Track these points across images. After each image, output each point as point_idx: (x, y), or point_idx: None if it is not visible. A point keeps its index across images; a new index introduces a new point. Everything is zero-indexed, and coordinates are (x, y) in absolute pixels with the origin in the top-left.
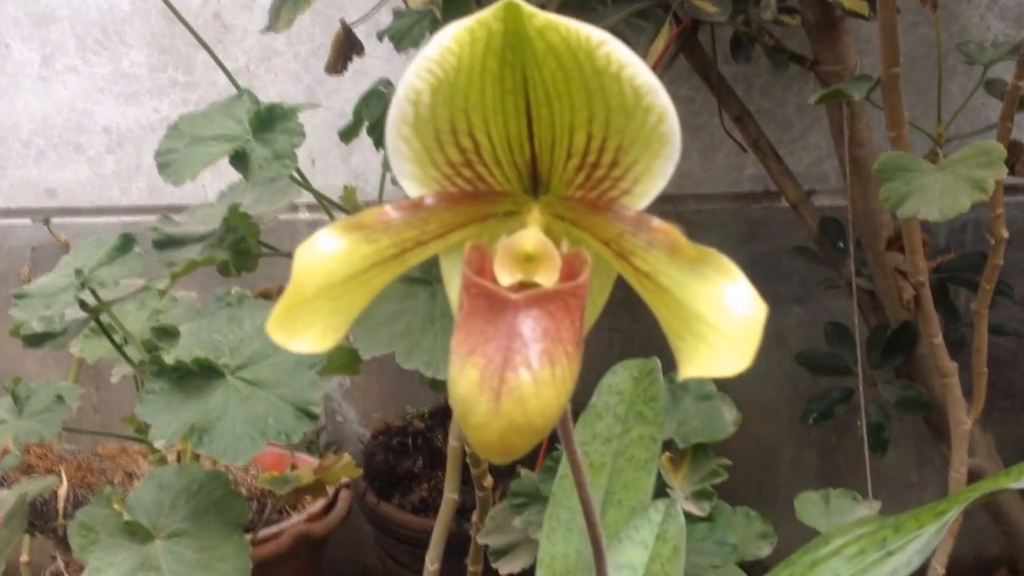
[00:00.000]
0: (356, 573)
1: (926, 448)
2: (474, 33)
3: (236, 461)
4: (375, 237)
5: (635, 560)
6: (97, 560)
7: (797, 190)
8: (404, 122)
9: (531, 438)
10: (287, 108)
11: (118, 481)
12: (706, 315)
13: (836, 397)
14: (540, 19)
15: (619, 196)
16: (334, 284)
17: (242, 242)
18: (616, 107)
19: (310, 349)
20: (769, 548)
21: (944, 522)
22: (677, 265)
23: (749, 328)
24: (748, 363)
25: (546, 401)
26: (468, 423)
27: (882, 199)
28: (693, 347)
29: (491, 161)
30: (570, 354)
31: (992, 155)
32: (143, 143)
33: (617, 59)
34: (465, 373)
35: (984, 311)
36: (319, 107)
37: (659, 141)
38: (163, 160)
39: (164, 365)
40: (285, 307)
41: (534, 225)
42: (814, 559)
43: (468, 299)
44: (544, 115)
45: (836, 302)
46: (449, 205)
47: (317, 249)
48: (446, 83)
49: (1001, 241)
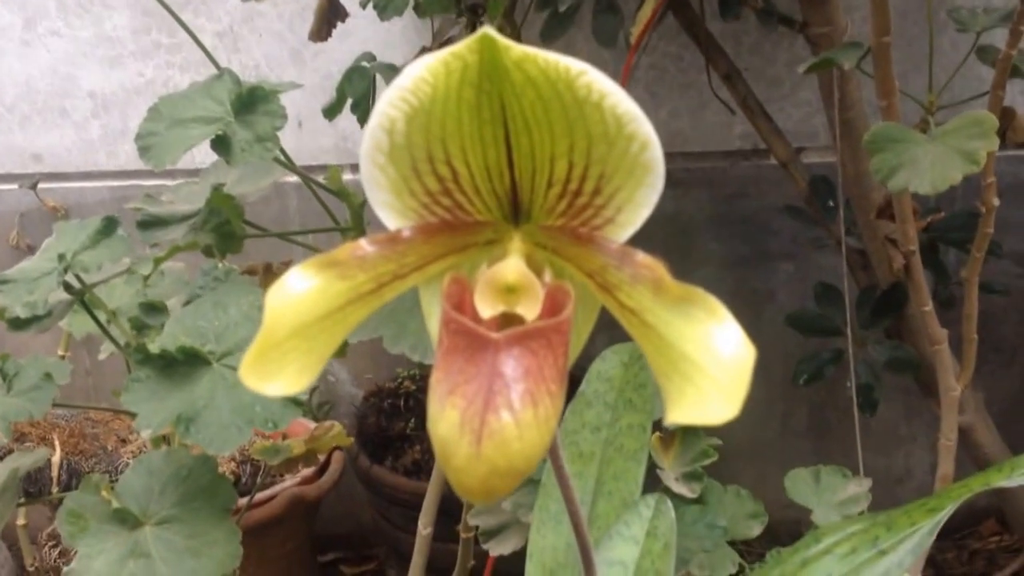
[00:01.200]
0: (350, 531)
1: (915, 402)
2: (449, 65)
3: (223, 451)
4: (350, 273)
5: (626, 556)
6: (87, 547)
7: (787, 148)
8: (379, 151)
9: (514, 481)
10: (269, 89)
11: (111, 447)
12: (693, 356)
13: (826, 358)
14: (516, 51)
15: (602, 224)
16: (308, 324)
17: (226, 224)
18: (597, 135)
19: (284, 392)
20: (760, 528)
21: (937, 521)
22: (662, 303)
23: (737, 372)
24: (737, 410)
25: (529, 444)
26: (448, 465)
27: (873, 171)
28: (680, 389)
29: (470, 189)
30: (553, 393)
31: (984, 126)
32: (128, 107)
33: (598, 88)
34: (445, 415)
35: (975, 279)
36: (302, 86)
37: (642, 169)
38: (144, 143)
39: (149, 353)
40: (257, 351)
41: (515, 254)
42: (805, 558)
43: (447, 335)
44: (524, 144)
45: (826, 259)
46: (427, 237)
47: (289, 290)
48: (421, 112)
49: (992, 209)
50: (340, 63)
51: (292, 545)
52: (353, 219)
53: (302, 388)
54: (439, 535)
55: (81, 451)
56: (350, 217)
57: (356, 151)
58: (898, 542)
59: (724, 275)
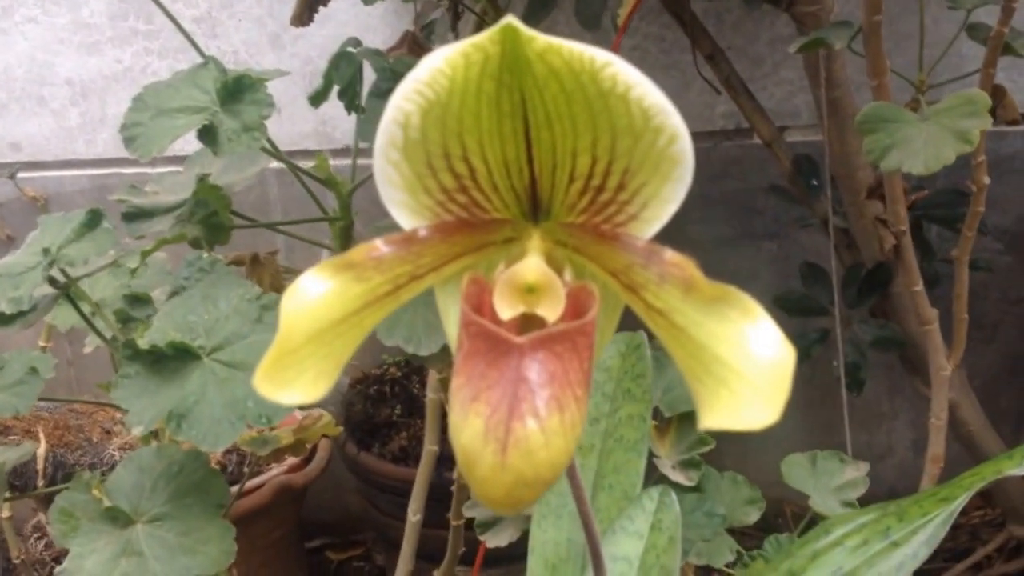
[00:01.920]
0: (337, 517)
1: (897, 379)
2: (469, 56)
3: (215, 447)
4: (366, 275)
5: (630, 552)
6: (79, 547)
7: (770, 128)
8: (393, 147)
9: (540, 490)
10: (255, 77)
11: (97, 438)
12: (727, 359)
13: (813, 338)
14: (540, 42)
15: (626, 221)
16: (324, 329)
17: (213, 216)
18: (622, 129)
19: (301, 400)
20: (758, 513)
21: (950, 511)
22: (693, 303)
23: (777, 375)
24: (777, 415)
25: (556, 451)
26: (472, 476)
27: (865, 152)
28: (714, 392)
29: (487, 186)
30: (579, 397)
31: (977, 105)
32: (107, 94)
33: (623, 80)
34: (468, 422)
35: (965, 258)
36: (288, 73)
37: (669, 163)
38: (129, 134)
39: (138, 349)
40: (273, 358)
41: (534, 253)
42: (815, 550)
43: (468, 339)
44: (545, 138)
45: (810, 239)
46: (444, 236)
47: (304, 294)
48: (438, 105)
49: (983, 188)
50: (320, 48)
51: (280, 533)
52: (341, 208)
53: (319, 396)
54: (428, 521)
55: (66, 443)
56: (338, 206)
57: (337, 136)
58: (911, 533)
59: (708, 255)
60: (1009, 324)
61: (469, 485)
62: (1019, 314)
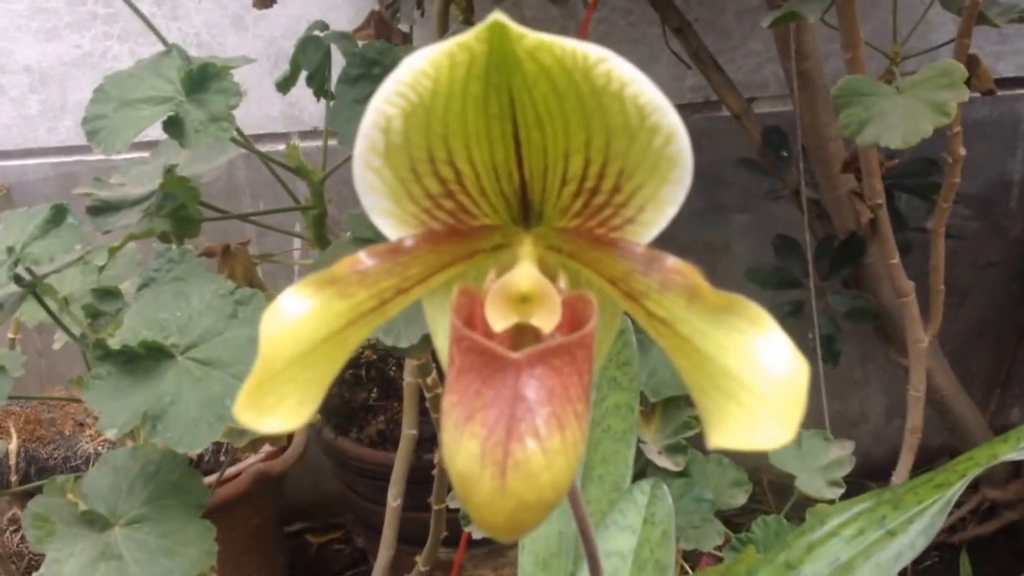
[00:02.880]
0: (317, 501)
1: (869, 347)
2: (454, 56)
3: (193, 449)
4: (350, 291)
5: (623, 547)
6: (56, 552)
7: (739, 100)
8: (373, 152)
9: (543, 514)
10: (220, 66)
11: (69, 431)
12: (736, 372)
13: (786, 310)
14: (530, 39)
15: (622, 225)
16: (307, 351)
17: (182, 209)
18: (617, 128)
19: (284, 427)
20: (745, 496)
21: (947, 498)
22: (698, 312)
23: (791, 391)
24: (792, 434)
25: (557, 473)
26: (470, 502)
27: (841, 127)
28: (722, 408)
29: (475, 191)
30: (580, 413)
31: (953, 76)
32: (67, 81)
33: (618, 76)
34: (463, 444)
35: (941, 229)
36: (255, 60)
37: (667, 163)
38: (91, 127)
39: (109, 349)
40: (254, 385)
41: (526, 260)
42: (811, 541)
43: (459, 354)
44: (535, 140)
45: (780, 211)
46: (432, 246)
47: (285, 314)
48: (421, 108)
49: (959, 159)
50: (283, 28)
51: (259, 520)
52: (313, 196)
53: (303, 421)
54: (408, 504)
55: (38, 438)
56: (310, 194)
57: (305, 119)
58: (907, 521)
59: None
60: (978, 290)
61: (466, 511)
62: (988, 279)
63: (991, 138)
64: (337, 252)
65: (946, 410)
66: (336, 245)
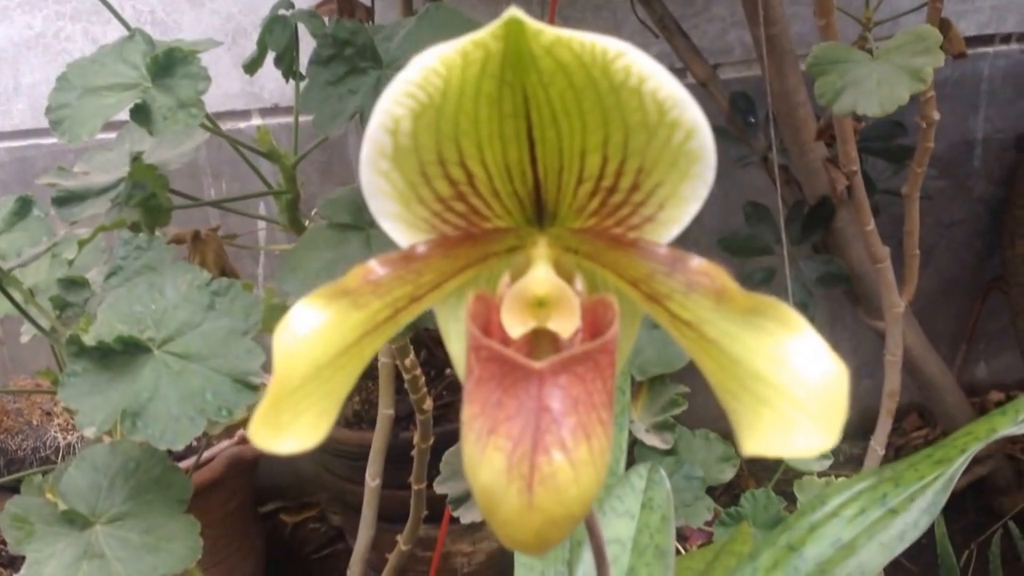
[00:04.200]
0: (291, 481)
1: (838, 308)
2: (468, 55)
3: (175, 445)
4: (363, 301)
5: (622, 533)
6: (36, 552)
7: (704, 67)
8: (381, 155)
9: (571, 528)
10: (186, 50)
11: (37, 421)
12: (768, 375)
13: (759, 278)
14: (548, 36)
15: (641, 224)
16: (323, 365)
17: (152, 198)
18: (636, 124)
19: (301, 446)
20: (733, 470)
21: (949, 475)
22: (726, 315)
23: (832, 394)
24: (835, 440)
25: (586, 485)
26: (495, 518)
27: (817, 95)
28: (754, 413)
29: (487, 192)
30: (605, 421)
31: (928, 41)
32: (19, 62)
33: (637, 71)
34: (487, 458)
35: (915, 194)
36: (221, 44)
37: (687, 159)
38: (55, 117)
39: (83, 345)
40: (270, 404)
41: (542, 262)
42: (812, 522)
43: (478, 364)
44: (550, 138)
45: (748, 177)
46: (445, 251)
47: (298, 329)
48: (431, 108)
49: (932, 123)
50: (241, 4)
51: (234, 504)
52: (286, 180)
53: (321, 438)
54: (385, 483)
55: (6, 429)
56: (282, 179)
57: (264, 96)
58: (908, 499)
59: None
60: (944, 248)
61: (491, 527)
62: (953, 238)
63: (953, 98)
64: (315, 238)
65: (916, 368)
66: (313, 231)
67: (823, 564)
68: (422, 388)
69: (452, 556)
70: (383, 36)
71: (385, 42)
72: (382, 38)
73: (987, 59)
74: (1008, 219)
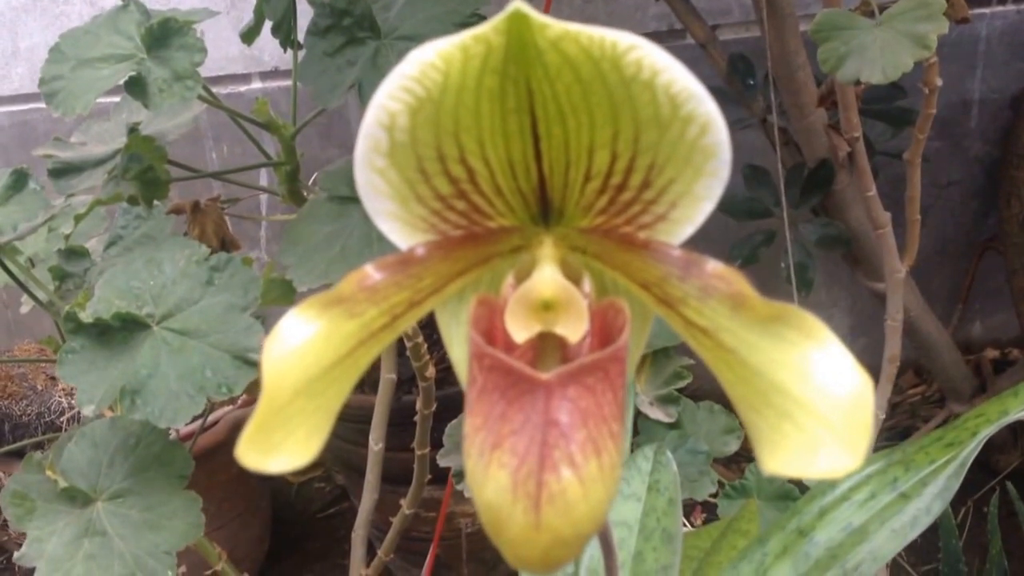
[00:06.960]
0: None
1: (835, 268)
2: (468, 50)
3: (175, 423)
4: (359, 309)
5: (628, 516)
6: (37, 529)
7: (703, 28)
8: (376, 152)
9: (581, 547)
10: (182, 20)
11: (41, 386)
12: (791, 389)
13: (759, 240)
14: (554, 29)
15: (652, 223)
16: (315, 378)
17: (149, 171)
18: (647, 120)
19: (292, 465)
20: (737, 443)
21: (961, 459)
22: (744, 322)
23: (857, 411)
24: (860, 461)
25: (596, 502)
26: (500, 538)
27: (820, 62)
28: (776, 428)
29: (490, 190)
30: (615, 433)
31: (932, 7)
32: (17, 26)
33: (650, 64)
34: (491, 474)
35: (917, 160)
36: (218, 13)
37: (702, 155)
38: (49, 89)
39: (81, 322)
40: (259, 423)
41: (547, 262)
42: (822, 507)
43: (481, 373)
44: (556, 134)
45: (746, 139)
46: (445, 252)
47: (288, 340)
48: (429, 103)
49: (935, 89)
50: None
51: (238, 467)
52: (285, 152)
53: (312, 456)
54: (389, 445)
55: (10, 394)
56: (281, 150)
57: (264, 59)
58: (920, 484)
59: None
60: (939, 208)
61: (497, 546)
62: (948, 198)
63: (950, 59)
64: (314, 211)
65: (914, 329)
66: (313, 203)
67: (834, 550)
68: (424, 355)
69: (455, 517)
70: (381, 5)
71: (384, 11)
72: (380, 7)
73: (984, 20)
74: (1004, 179)
